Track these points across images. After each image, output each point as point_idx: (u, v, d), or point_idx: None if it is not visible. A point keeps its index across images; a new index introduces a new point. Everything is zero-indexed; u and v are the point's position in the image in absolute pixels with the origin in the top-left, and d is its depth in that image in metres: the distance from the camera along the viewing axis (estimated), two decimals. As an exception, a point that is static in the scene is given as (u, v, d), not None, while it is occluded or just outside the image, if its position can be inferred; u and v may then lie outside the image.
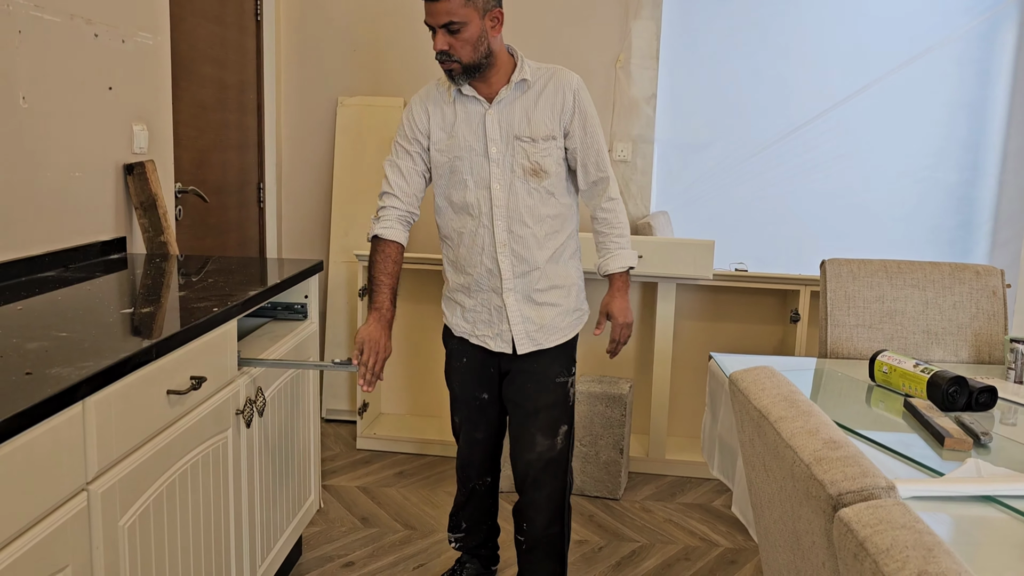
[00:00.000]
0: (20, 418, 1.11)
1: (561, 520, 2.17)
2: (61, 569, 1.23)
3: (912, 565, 0.73)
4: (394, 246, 2.12)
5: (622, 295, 2.14)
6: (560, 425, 2.13)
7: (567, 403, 2.14)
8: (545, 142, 2.02)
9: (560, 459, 2.14)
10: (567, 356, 2.15)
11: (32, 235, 2.08)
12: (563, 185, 2.09)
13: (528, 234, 2.06)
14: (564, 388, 2.13)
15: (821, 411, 1.12)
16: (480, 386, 2.20)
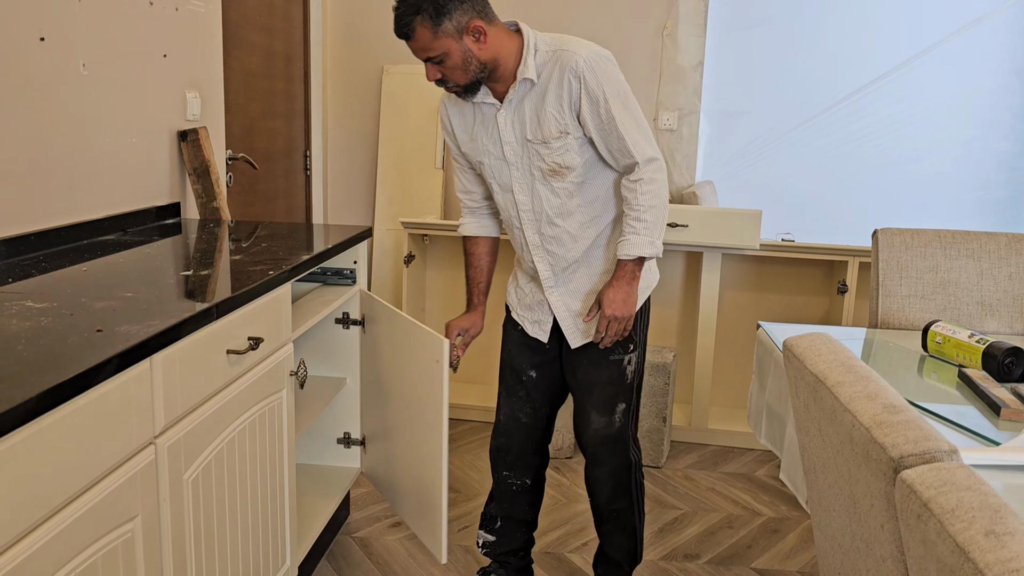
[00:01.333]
0: (94, 372, 1.16)
1: (628, 496, 2.09)
2: (132, 518, 1.28)
3: (978, 525, 0.73)
4: (474, 241, 2.12)
5: (619, 284, 1.89)
6: (616, 403, 2.02)
7: (623, 381, 2.02)
8: (559, 140, 1.86)
9: (618, 437, 2.04)
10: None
11: (92, 199, 2.14)
12: (596, 168, 1.92)
13: (560, 232, 1.96)
14: (619, 366, 2.01)
15: (879, 376, 1.11)
16: (529, 362, 2.10)
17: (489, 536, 2.21)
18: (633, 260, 1.89)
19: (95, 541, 1.19)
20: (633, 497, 2.11)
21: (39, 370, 1.12)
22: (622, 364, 2.02)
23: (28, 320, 1.36)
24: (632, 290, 1.90)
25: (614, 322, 1.90)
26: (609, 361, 2.01)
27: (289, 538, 1.96)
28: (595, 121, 1.85)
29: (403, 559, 2.41)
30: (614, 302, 1.89)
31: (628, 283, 1.90)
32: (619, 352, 2.00)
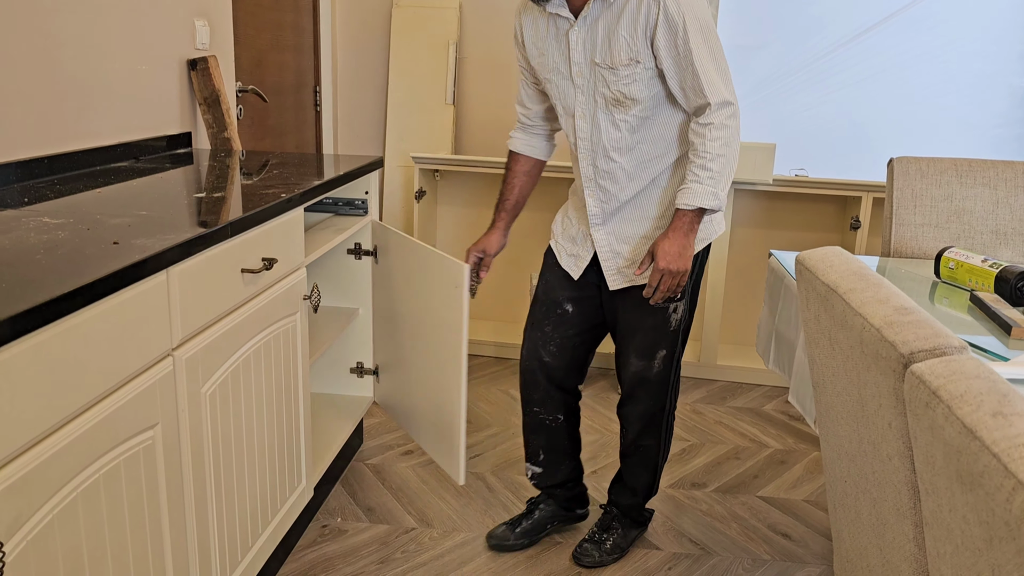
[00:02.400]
0: (112, 279, 1.17)
1: (656, 436, 2.07)
2: (152, 426, 1.31)
3: (986, 407, 0.74)
4: (515, 158, 2.04)
5: (675, 235, 1.77)
6: (658, 349, 1.96)
7: (667, 327, 1.94)
8: (627, 68, 1.74)
9: (656, 380, 1.99)
10: None
11: (104, 125, 2.14)
12: (663, 106, 1.80)
13: (615, 168, 1.85)
14: (664, 313, 1.92)
15: (891, 284, 1.12)
16: (566, 294, 2.01)
17: (536, 468, 2.17)
18: (693, 211, 1.76)
19: (118, 445, 1.22)
20: (661, 437, 2.09)
21: (58, 276, 1.14)
22: (667, 312, 1.93)
23: (46, 234, 1.37)
24: (689, 243, 1.77)
25: (668, 276, 1.78)
26: (654, 308, 1.93)
27: (304, 459, 2.00)
28: (671, 52, 1.71)
29: (416, 485, 2.46)
30: (668, 254, 1.76)
31: (685, 235, 1.77)
32: (665, 300, 1.89)
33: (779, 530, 2.31)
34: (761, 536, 2.27)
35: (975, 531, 0.72)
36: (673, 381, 2.04)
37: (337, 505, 2.34)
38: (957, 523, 0.77)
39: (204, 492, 1.50)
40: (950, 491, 0.78)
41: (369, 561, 2.09)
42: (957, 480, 0.75)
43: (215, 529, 1.56)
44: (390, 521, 2.27)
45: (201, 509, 1.49)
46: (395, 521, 2.27)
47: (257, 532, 1.75)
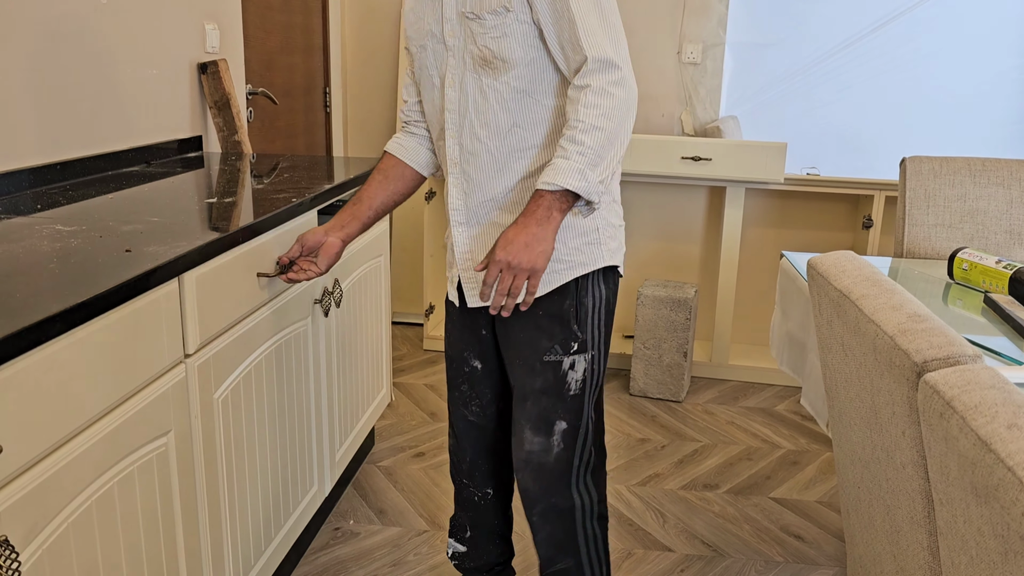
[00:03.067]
0: (125, 288, 1.18)
1: (574, 553, 1.56)
2: (165, 433, 1.32)
3: (1001, 419, 0.73)
4: (386, 158, 1.66)
5: (524, 222, 1.34)
6: (554, 420, 1.48)
7: (563, 391, 1.47)
8: (495, 18, 1.38)
9: (559, 469, 1.50)
10: (559, 324, 1.46)
11: (115, 131, 2.15)
12: (545, 81, 1.42)
13: (481, 149, 1.46)
14: (556, 370, 1.46)
15: (904, 289, 1.11)
16: (469, 349, 1.63)
17: (459, 546, 1.79)
18: (553, 193, 1.33)
19: (131, 452, 1.23)
20: (583, 557, 1.57)
21: (72, 284, 1.15)
22: (560, 369, 1.46)
23: (58, 241, 1.38)
24: (543, 234, 1.34)
25: (507, 272, 1.34)
26: (544, 363, 1.47)
27: (316, 463, 2.01)
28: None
29: (427, 487, 2.46)
30: (511, 243, 1.33)
31: (538, 223, 1.33)
32: (556, 352, 1.46)
33: (792, 532, 2.30)
34: (774, 538, 2.27)
35: (990, 544, 0.72)
36: (583, 469, 1.53)
37: (349, 508, 2.34)
38: (972, 535, 0.77)
39: (217, 497, 1.51)
40: (965, 502, 0.77)
41: (382, 564, 2.10)
42: (972, 492, 0.75)
43: (228, 533, 1.56)
44: (402, 523, 2.28)
45: (214, 514, 1.50)
46: (407, 523, 2.28)
47: (270, 536, 1.76)
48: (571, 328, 1.47)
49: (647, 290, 3.09)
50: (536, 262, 1.35)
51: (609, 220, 1.49)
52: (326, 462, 2.07)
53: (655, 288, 3.11)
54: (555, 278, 1.46)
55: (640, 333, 3.10)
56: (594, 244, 1.47)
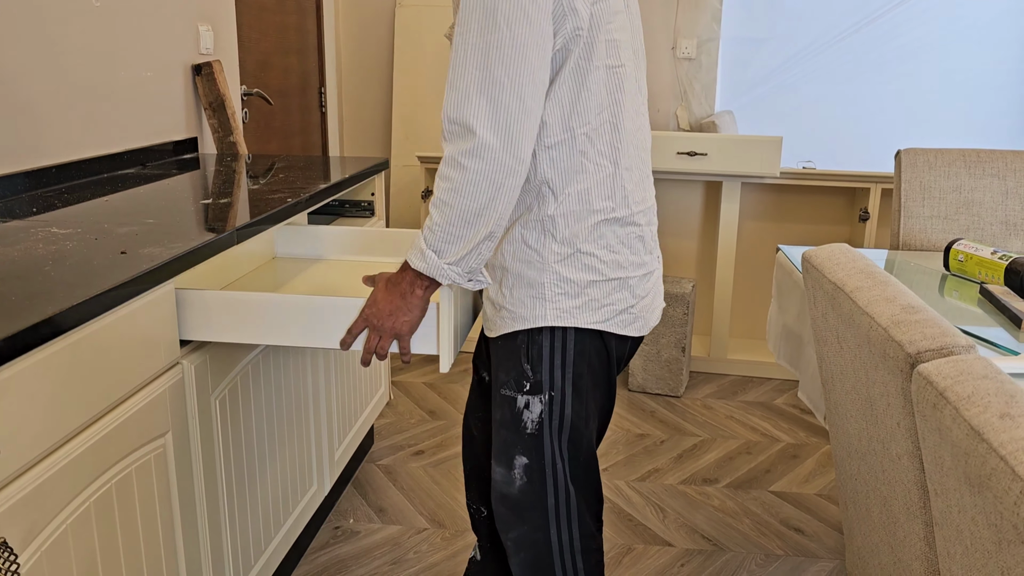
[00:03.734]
0: (121, 290, 1.18)
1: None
2: (163, 434, 1.32)
3: (993, 409, 0.73)
4: None
5: (391, 288, 1.31)
6: (513, 454, 1.40)
7: (519, 428, 1.38)
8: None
9: (528, 501, 1.41)
10: (512, 361, 1.37)
11: (111, 133, 2.15)
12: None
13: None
14: (511, 407, 1.38)
15: (898, 281, 1.11)
16: (481, 359, 1.64)
17: (476, 553, 1.75)
18: (410, 260, 1.26)
19: (129, 454, 1.23)
20: None
21: (67, 287, 1.15)
22: (515, 405, 1.38)
23: (54, 244, 1.38)
24: (406, 306, 1.30)
25: (373, 332, 1.33)
26: (501, 396, 1.40)
27: (316, 462, 2.01)
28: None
29: (427, 485, 2.47)
30: (376, 306, 1.32)
31: (401, 296, 1.30)
32: (511, 387, 1.38)
33: (792, 525, 2.30)
34: (774, 531, 2.27)
35: (984, 533, 0.72)
36: (562, 507, 1.42)
37: (349, 507, 2.35)
38: (967, 524, 0.77)
39: (216, 498, 1.51)
40: (959, 492, 0.78)
41: (382, 562, 2.10)
42: (966, 482, 0.75)
43: (228, 534, 1.57)
44: (402, 522, 2.28)
45: (213, 515, 1.50)
46: (407, 522, 2.28)
47: (270, 535, 1.76)
48: (522, 367, 1.36)
49: (645, 286, 3.09)
50: (400, 330, 1.32)
51: (564, 275, 1.30)
52: (325, 461, 2.07)
53: (652, 284, 3.11)
54: (499, 324, 1.36)
55: (638, 329, 3.10)
56: (538, 299, 1.32)
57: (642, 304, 1.37)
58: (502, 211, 1.20)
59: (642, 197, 1.35)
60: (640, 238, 1.35)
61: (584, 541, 1.45)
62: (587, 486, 1.44)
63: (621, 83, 1.28)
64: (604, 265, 1.31)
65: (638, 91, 1.36)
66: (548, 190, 1.28)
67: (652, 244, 1.39)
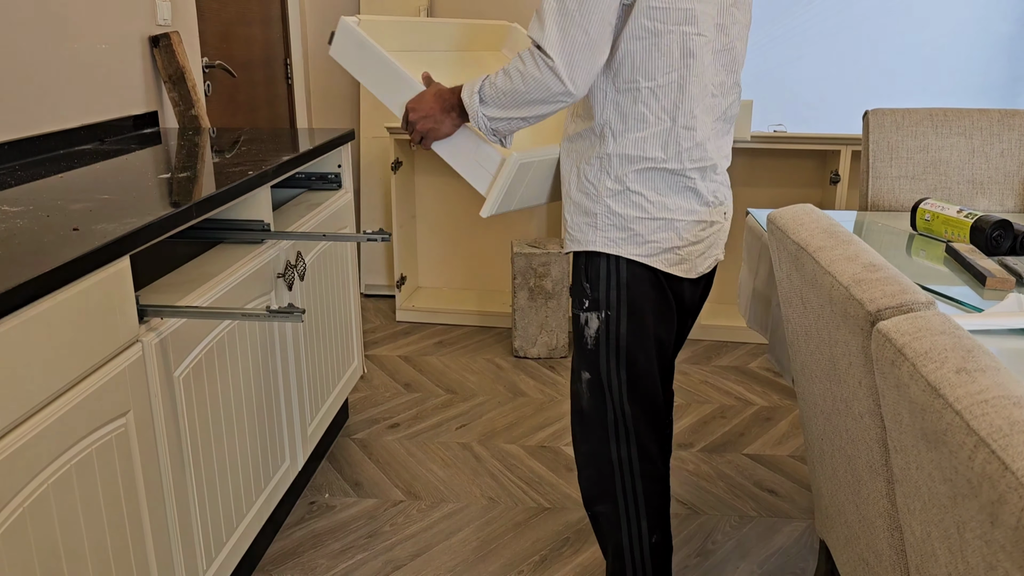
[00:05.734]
0: (71, 266, 1.15)
1: (612, 501, 1.62)
2: (124, 413, 1.30)
3: (950, 364, 0.73)
4: None
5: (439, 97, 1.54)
6: (580, 368, 1.60)
7: (583, 343, 1.57)
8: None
9: (593, 417, 1.59)
10: (577, 279, 1.58)
11: (66, 108, 2.09)
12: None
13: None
14: (578, 322, 1.58)
15: (861, 240, 1.11)
16: None
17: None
18: (462, 95, 1.48)
19: (88, 434, 1.21)
20: (620, 506, 1.62)
21: (15, 265, 1.12)
22: (579, 321, 1.58)
23: (3, 222, 1.34)
24: (440, 119, 1.53)
25: (409, 115, 1.58)
26: (573, 313, 1.61)
27: (287, 437, 1.99)
28: None
29: (402, 457, 2.46)
30: (421, 100, 1.56)
31: (443, 110, 1.53)
32: (576, 304, 1.59)
33: (765, 487, 2.33)
34: (748, 493, 2.29)
35: (940, 488, 0.72)
36: (619, 425, 1.59)
37: (324, 481, 2.34)
38: (924, 480, 0.77)
39: (183, 477, 1.49)
40: (916, 449, 0.77)
41: (358, 536, 2.10)
42: (923, 438, 0.75)
43: (196, 512, 1.55)
44: (378, 495, 2.27)
45: (181, 494, 1.48)
46: (383, 495, 2.28)
47: (242, 512, 1.75)
48: (582, 285, 1.56)
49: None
50: (425, 132, 1.56)
51: (613, 209, 1.50)
52: (298, 436, 2.06)
53: (625, 251, 3.10)
54: (567, 244, 1.59)
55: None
56: (591, 227, 1.52)
57: (690, 248, 1.54)
58: (543, 114, 1.43)
59: (700, 156, 1.50)
60: (692, 190, 1.51)
61: (644, 465, 1.60)
62: (646, 410, 1.58)
63: (694, 50, 1.42)
64: (651, 205, 1.50)
65: (719, 63, 1.49)
66: (609, 132, 1.47)
67: (711, 199, 1.55)
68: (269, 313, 1.38)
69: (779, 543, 2.08)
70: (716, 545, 2.08)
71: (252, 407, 1.79)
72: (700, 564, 2.00)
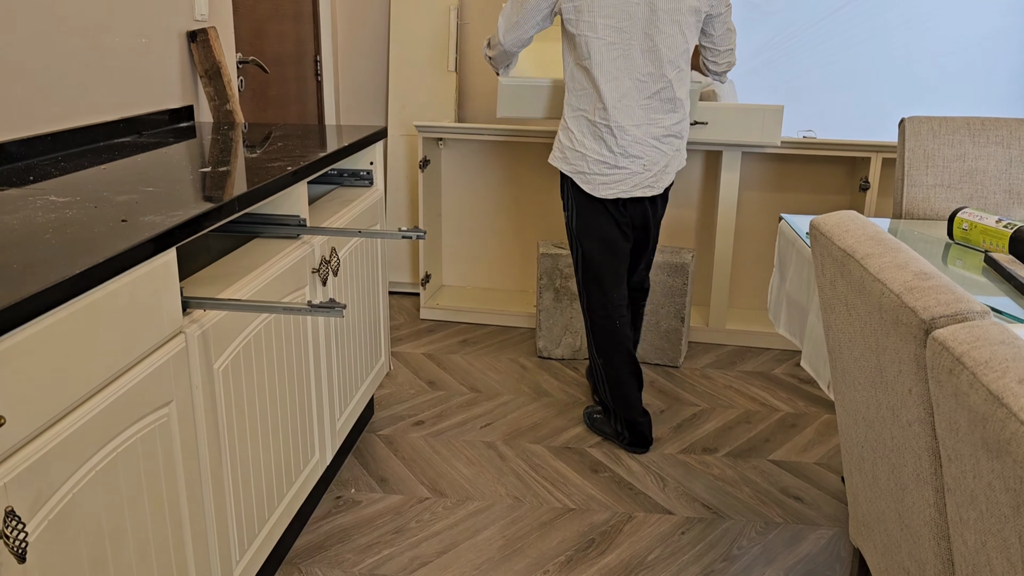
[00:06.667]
0: (123, 257, 1.16)
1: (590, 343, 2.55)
2: (167, 403, 1.32)
3: (1012, 374, 0.73)
4: None
5: None
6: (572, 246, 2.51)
7: (569, 228, 2.48)
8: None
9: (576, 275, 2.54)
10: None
11: (106, 101, 2.11)
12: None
13: None
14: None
15: (909, 248, 1.10)
16: None
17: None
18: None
19: (134, 423, 1.22)
20: (590, 346, 2.55)
21: (69, 255, 1.13)
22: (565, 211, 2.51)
23: (53, 212, 1.36)
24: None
25: None
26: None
27: (317, 431, 2.01)
28: None
29: (427, 454, 2.47)
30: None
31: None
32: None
33: (791, 493, 2.32)
34: (773, 499, 2.29)
35: (1001, 498, 0.72)
36: (582, 280, 2.48)
37: (350, 476, 2.35)
38: (982, 490, 0.77)
39: (220, 467, 1.50)
40: (975, 458, 0.77)
41: (384, 531, 2.11)
42: (983, 447, 0.75)
43: (232, 503, 1.57)
44: (403, 491, 2.29)
45: (218, 484, 1.50)
46: (408, 491, 2.29)
47: (273, 505, 1.76)
48: (562, 192, 2.47)
49: (644, 256, 3.08)
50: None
51: (561, 139, 2.39)
52: (327, 431, 2.07)
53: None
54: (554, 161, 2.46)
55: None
56: (557, 150, 2.42)
57: (593, 176, 2.35)
58: (497, 56, 2.48)
59: (605, 118, 2.29)
60: (601, 139, 2.32)
61: (592, 309, 2.49)
62: (593, 278, 2.46)
63: (595, 49, 2.26)
64: (575, 140, 2.36)
65: (646, 59, 2.28)
66: (568, 88, 2.36)
67: (618, 150, 2.31)
68: (311, 308, 1.40)
69: (805, 550, 2.08)
70: (741, 551, 2.07)
71: (285, 400, 1.80)
72: (726, 569, 2.00)
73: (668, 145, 2.36)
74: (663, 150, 2.35)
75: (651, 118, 2.30)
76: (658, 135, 2.32)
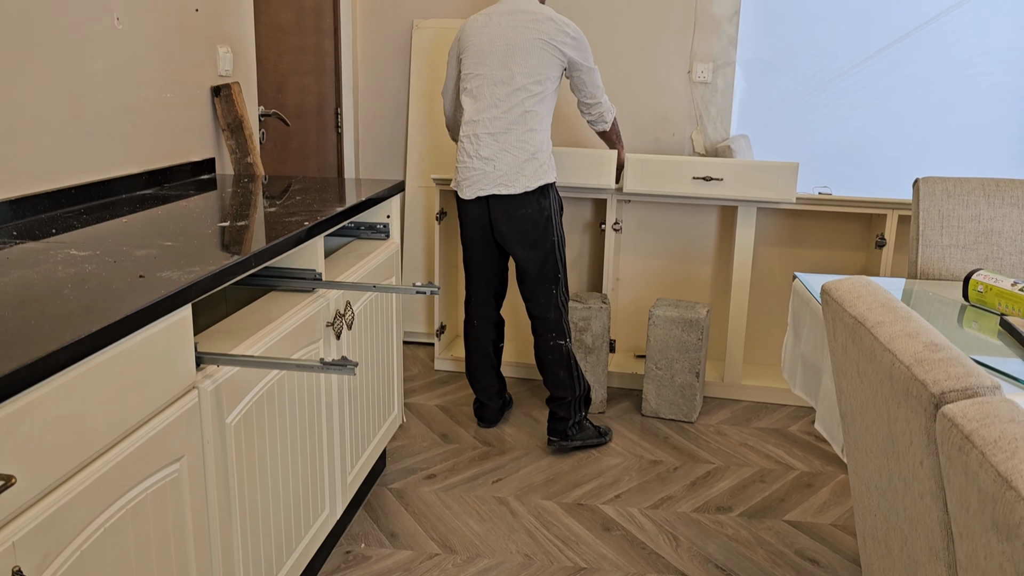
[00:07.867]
0: (140, 315, 1.18)
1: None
2: (178, 458, 1.32)
3: (1022, 455, 0.72)
4: None
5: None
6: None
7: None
8: None
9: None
10: None
11: (130, 154, 2.16)
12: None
13: None
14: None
15: (920, 317, 1.10)
16: None
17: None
18: None
19: (144, 479, 1.23)
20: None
21: (86, 312, 1.15)
22: None
23: (73, 267, 1.39)
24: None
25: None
26: None
27: (328, 485, 2.00)
28: None
29: (439, 509, 2.45)
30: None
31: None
32: None
33: (807, 555, 2.27)
34: (788, 562, 2.24)
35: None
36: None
37: (360, 531, 2.34)
38: (993, 570, 0.75)
39: (229, 523, 1.50)
40: (985, 537, 0.76)
41: (392, 587, 2.08)
42: (993, 528, 0.73)
43: (240, 559, 1.56)
44: (413, 547, 2.26)
45: (227, 540, 1.49)
46: (418, 547, 2.26)
47: (282, 560, 1.75)
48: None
49: (659, 310, 3.08)
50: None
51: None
52: (338, 485, 2.07)
53: (667, 308, 3.10)
54: None
55: (652, 353, 3.09)
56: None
57: (459, 179, 2.76)
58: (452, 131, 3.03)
59: (468, 131, 2.73)
60: (464, 147, 2.74)
61: (467, 314, 2.96)
62: (468, 285, 2.94)
63: (464, 86, 2.76)
64: (458, 150, 2.77)
65: (499, 90, 2.70)
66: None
67: (473, 153, 2.71)
68: (323, 365, 1.41)
69: (822, 616, 2.03)
70: (756, 615, 2.03)
71: (296, 455, 1.80)
72: (740, 634, 1.96)
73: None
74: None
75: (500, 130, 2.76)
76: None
